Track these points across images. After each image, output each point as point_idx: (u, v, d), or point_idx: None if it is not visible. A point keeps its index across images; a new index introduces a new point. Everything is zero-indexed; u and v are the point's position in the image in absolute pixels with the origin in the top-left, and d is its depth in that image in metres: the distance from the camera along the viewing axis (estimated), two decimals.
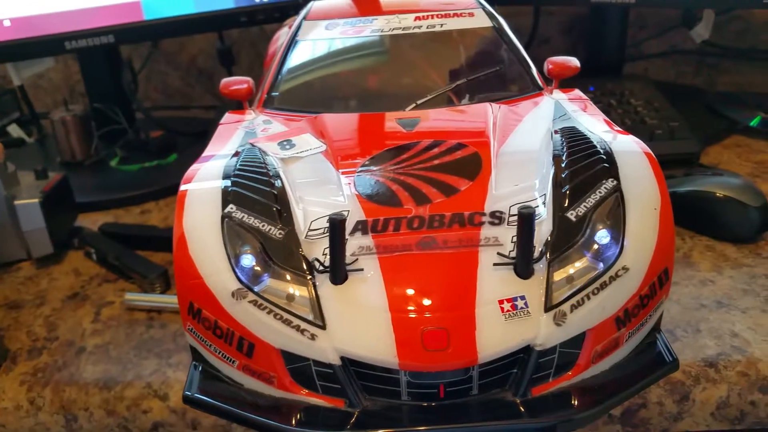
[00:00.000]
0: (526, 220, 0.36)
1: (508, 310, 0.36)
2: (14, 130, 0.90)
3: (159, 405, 0.48)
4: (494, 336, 0.36)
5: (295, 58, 0.59)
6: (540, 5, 1.02)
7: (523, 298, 0.37)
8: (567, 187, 0.40)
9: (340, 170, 0.44)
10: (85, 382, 0.49)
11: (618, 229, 0.39)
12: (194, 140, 0.89)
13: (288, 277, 0.38)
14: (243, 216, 0.40)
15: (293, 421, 0.37)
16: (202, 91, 1.12)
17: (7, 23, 0.74)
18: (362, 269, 0.38)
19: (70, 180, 0.69)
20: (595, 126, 0.47)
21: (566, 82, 0.56)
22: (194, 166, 0.45)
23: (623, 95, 0.84)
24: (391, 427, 0.36)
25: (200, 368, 0.41)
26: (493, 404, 0.37)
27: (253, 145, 0.47)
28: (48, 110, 0.92)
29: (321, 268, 0.38)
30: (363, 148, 0.47)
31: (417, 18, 0.60)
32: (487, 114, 0.50)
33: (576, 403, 0.37)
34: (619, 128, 0.47)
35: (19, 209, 0.62)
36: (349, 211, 0.41)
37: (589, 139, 0.43)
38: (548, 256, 0.38)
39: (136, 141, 0.87)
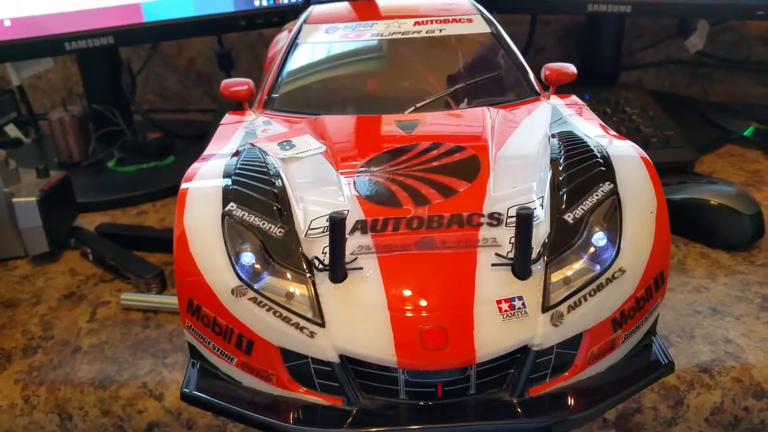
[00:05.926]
0: (524, 221, 0.36)
1: (505, 310, 0.36)
2: (12, 131, 0.90)
3: (154, 405, 0.48)
4: (492, 336, 0.36)
5: (296, 61, 0.59)
6: (537, 14, 1.03)
7: (520, 298, 0.37)
8: (564, 189, 0.40)
9: (340, 171, 0.45)
10: (80, 381, 0.49)
11: (615, 232, 0.39)
12: (192, 143, 0.89)
13: (288, 275, 0.38)
14: (243, 214, 0.40)
15: (291, 419, 0.37)
16: (200, 93, 1.12)
17: (7, 23, 0.74)
18: (361, 268, 0.38)
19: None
20: (592, 130, 0.48)
21: (562, 89, 0.57)
22: (195, 165, 0.45)
23: (618, 104, 0.84)
24: (389, 425, 0.36)
25: (198, 366, 0.41)
26: (490, 404, 0.37)
27: (253, 145, 0.47)
28: (46, 111, 0.92)
29: (320, 266, 0.38)
30: (362, 149, 0.48)
31: (416, 23, 0.60)
32: (485, 118, 0.50)
33: (572, 403, 0.37)
34: (615, 133, 0.48)
35: (17, 206, 0.62)
36: (348, 210, 0.41)
37: (586, 143, 0.44)
38: (546, 257, 0.38)
39: (133, 143, 0.87)
